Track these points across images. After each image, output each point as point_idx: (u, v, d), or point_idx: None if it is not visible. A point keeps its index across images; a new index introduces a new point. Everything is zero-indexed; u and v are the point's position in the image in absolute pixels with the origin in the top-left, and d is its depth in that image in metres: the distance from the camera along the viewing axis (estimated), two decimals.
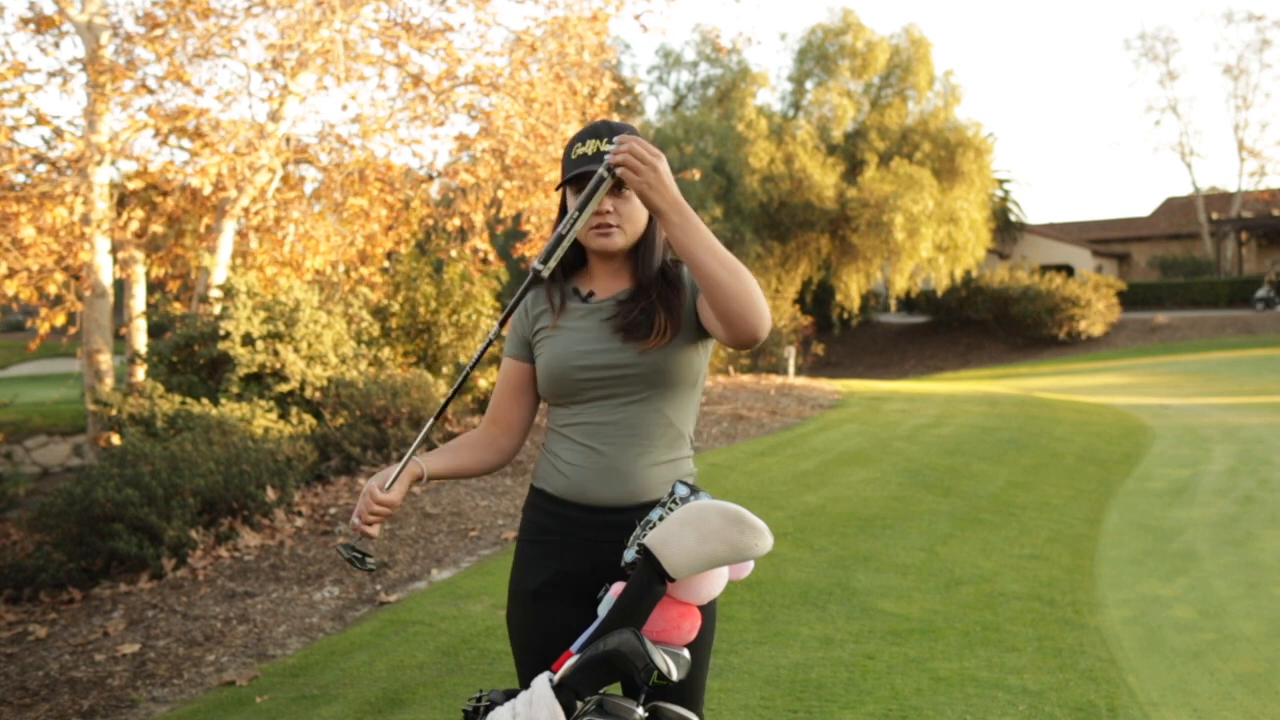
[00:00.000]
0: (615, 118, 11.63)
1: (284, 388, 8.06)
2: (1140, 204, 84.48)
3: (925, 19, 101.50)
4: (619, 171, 1.63)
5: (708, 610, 1.81)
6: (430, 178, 11.46)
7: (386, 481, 1.77)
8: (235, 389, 8.04)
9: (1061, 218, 60.14)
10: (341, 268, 10.86)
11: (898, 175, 24.43)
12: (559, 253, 1.70)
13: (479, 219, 10.79)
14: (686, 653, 1.65)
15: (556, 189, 1.89)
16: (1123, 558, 5.52)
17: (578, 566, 1.82)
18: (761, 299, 1.69)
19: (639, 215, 1.86)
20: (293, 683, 3.77)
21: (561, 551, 1.84)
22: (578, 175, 1.82)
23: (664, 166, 1.62)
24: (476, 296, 9.97)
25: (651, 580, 1.58)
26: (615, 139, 1.66)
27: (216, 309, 8.65)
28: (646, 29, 23.66)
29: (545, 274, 1.69)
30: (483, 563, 5.19)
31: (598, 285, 1.91)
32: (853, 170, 26.68)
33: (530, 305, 1.94)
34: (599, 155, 1.79)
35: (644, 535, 1.63)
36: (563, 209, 1.92)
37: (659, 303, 1.84)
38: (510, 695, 1.59)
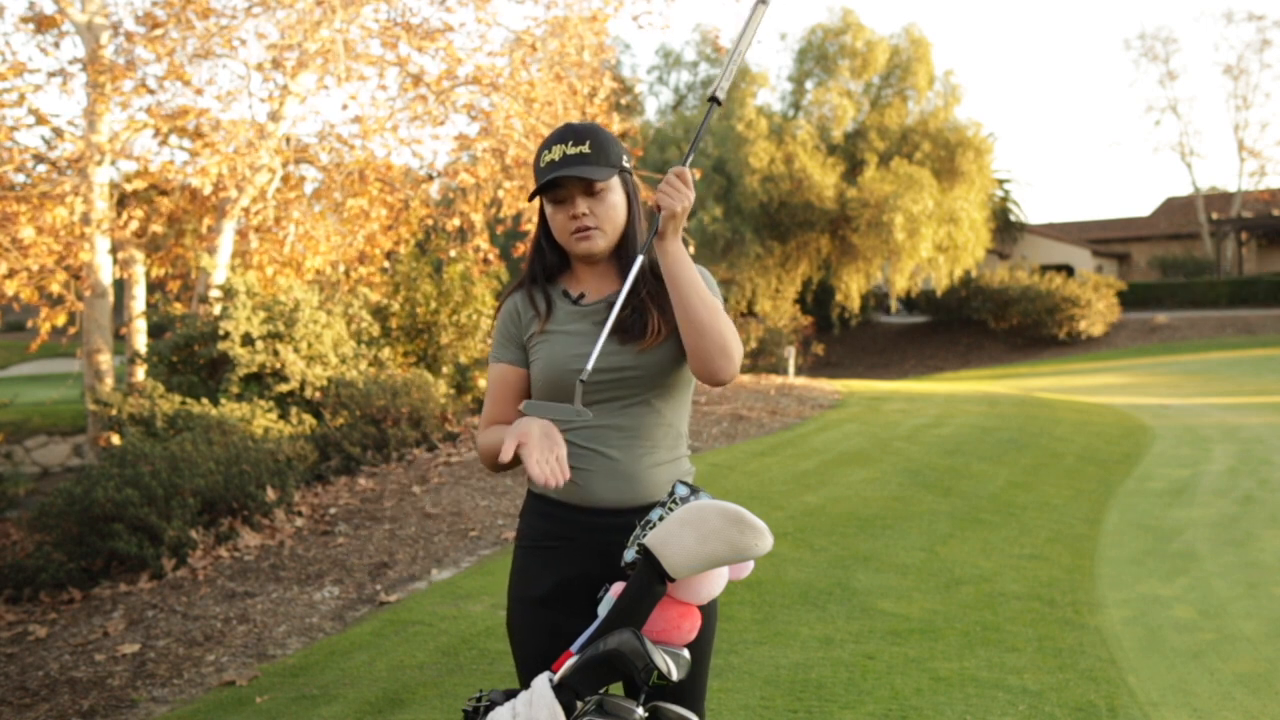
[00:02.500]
0: (615, 117, 11.65)
1: (284, 388, 8.06)
2: (1140, 204, 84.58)
3: (925, 19, 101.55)
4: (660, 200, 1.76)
5: (709, 610, 1.81)
6: (430, 178, 11.47)
7: (552, 432, 1.71)
8: (235, 389, 8.04)
9: (1061, 218, 60.21)
10: (341, 268, 10.87)
11: (898, 175, 24.43)
12: (730, 74, 1.84)
13: (479, 219, 10.80)
14: (686, 653, 1.65)
15: (530, 199, 1.89)
16: (1123, 558, 5.52)
17: (583, 570, 1.82)
18: (735, 347, 1.77)
19: (616, 215, 1.86)
20: (293, 683, 3.77)
21: (567, 557, 1.83)
22: (549, 184, 1.82)
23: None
24: (477, 296, 9.97)
25: (651, 580, 1.58)
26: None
27: (216, 309, 8.65)
28: (645, 28, 23.70)
29: (722, 99, 1.84)
30: (483, 563, 5.19)
31: (587, 287, 1.91)
32: (853, 170, 26.68)
33: (522, 309, 1.92)
34: (565, 160, 1.80)
35: (644, 535, 1.63)
36: (542, 217, 1.92)
37: (650, 301, 1.84)
38: (510, 695, 1.59)
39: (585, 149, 1.81)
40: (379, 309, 9.85)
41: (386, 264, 11.23)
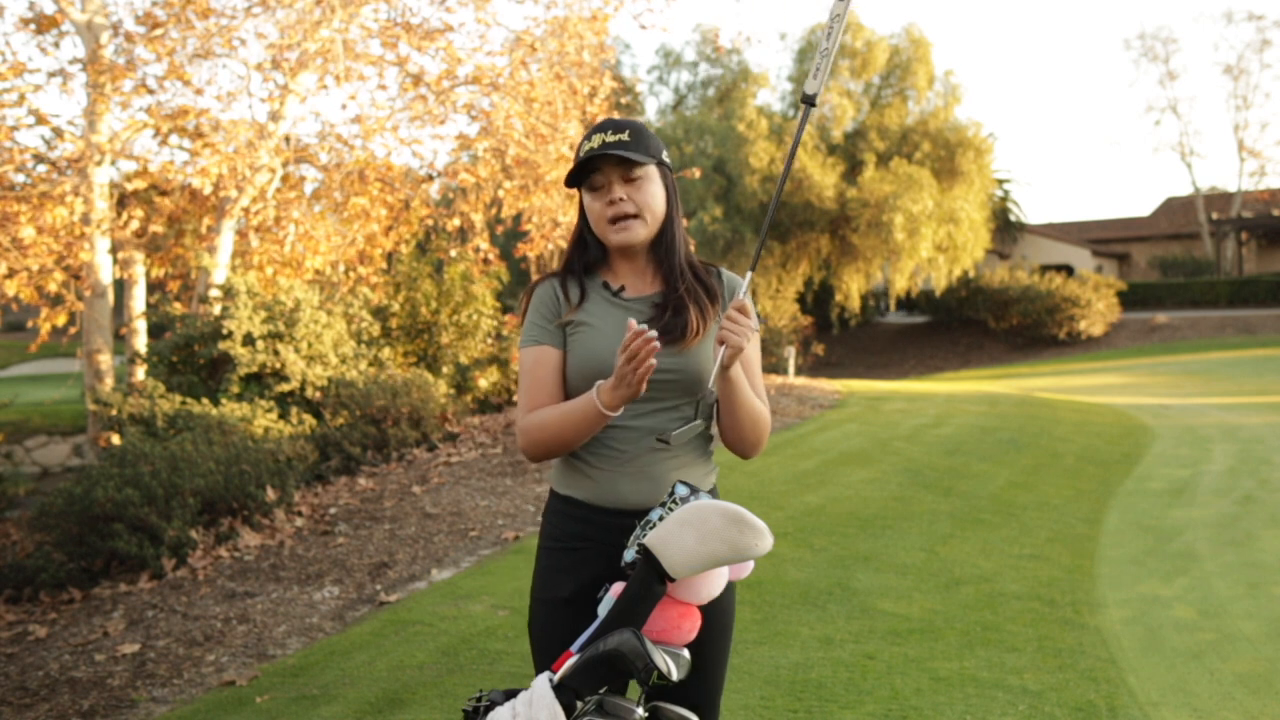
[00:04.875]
0: (616, 117, 11.67)
1: (284, 388, 8.06)
2: (1140, 204, 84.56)
3: (925, 19, 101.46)
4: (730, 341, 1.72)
5: (725, 613, 1.85)
6: (430, 178, 11.47)
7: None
8: (235, 389, 8.04)
9: (1061, 218, 60.18)
10: (341, 268, 10.87)
11: (897, 175, 24.43)
12: (824, 73, 1.84)
13: (479, 219, 10.80)
14: (686, 653, 1.65)
15: (567, 184, 1.87)
16: (1123, 558, 5.52)
17: (609, 571, 1.81)
18: (766, 439, 1.90)
19: (655, 204, 1.84)
20: (293, 683, 3.77)
21: (594, 558, 1.82)
22: (582, 171, 1.81)
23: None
24: (477, 296, 9.97)
25: (651, 580, 1.59)
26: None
27: (216, 309, 8.66)
28: (645, 27, 23.68)
29: (816, 99, 1.87)
30: (483, 563, 5.19)
31: (626, 282, 1.89)
32: (853, 170, 26.69)
33: (559, 293, 1.88)
34: (605, 146, 1.79)
35: (644, 535, 1.63)
36: (583, 211, 1.90)
37: (689, 299, 1.83)
38: (510, 695, 1.59)
39: (624, 137, 1.80)
40: (379, 309, 9.85)
41: (385, 265, 11.23)
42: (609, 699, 1.55)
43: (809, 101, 1.85)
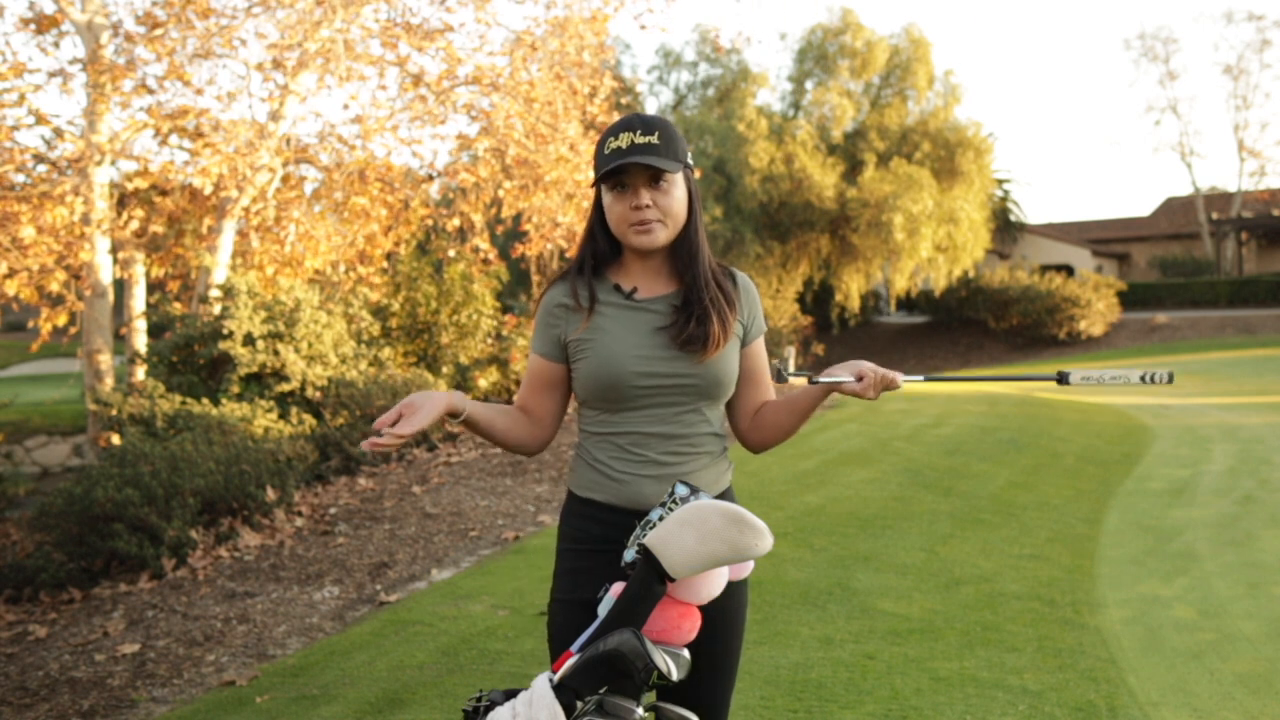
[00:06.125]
0: (615, 117, 11.67)
1: (284, 388, 8.07)
2: (1140, 204, 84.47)
3: (925, 19, 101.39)
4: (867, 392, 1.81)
5: (737, 614, 1.85)
6: (430, 178, 11.48)
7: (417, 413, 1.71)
8: (235, 389, 8.04)
9: (1061, 218, 60.15)
10: (341, 268, 10.87)
11: (897, 175, 24.43)
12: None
13: (479, 219, 10.81)
14: (686, 653, 1.65)
15: (591, 186, 1.83)
16: (1123, 558, 5.52)
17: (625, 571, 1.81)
18: None
19: (679, 210, 1.82)
20: (293, 683, 3.77)
21: (618, 559, 1.80)
22: (615, 171, 1.77)
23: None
24: (477, 296, 9.97)
25: (651, 580, 1.59)
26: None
27: (217, 309, 8.66)
28: (646, 28, 23.66)
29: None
30: (483, 563, 5.19)
31: (638, 282, 1.86)
32: (852, 170, 26.68)
33: (564, 302, 1.86)
34: (633, 148, 1.75)
35: (644, 535, 1.63)
36: (598, 205, 1.87)
37: (712, 309, 1.81)
38: (510, 695, 1.59)
39: (654, 139, 1.76)
40: (379, 309, 9.85)
41: (385, 265, 11.24)
42: (609, 699, 1.55)
43: (1063, 379, 1.97)
